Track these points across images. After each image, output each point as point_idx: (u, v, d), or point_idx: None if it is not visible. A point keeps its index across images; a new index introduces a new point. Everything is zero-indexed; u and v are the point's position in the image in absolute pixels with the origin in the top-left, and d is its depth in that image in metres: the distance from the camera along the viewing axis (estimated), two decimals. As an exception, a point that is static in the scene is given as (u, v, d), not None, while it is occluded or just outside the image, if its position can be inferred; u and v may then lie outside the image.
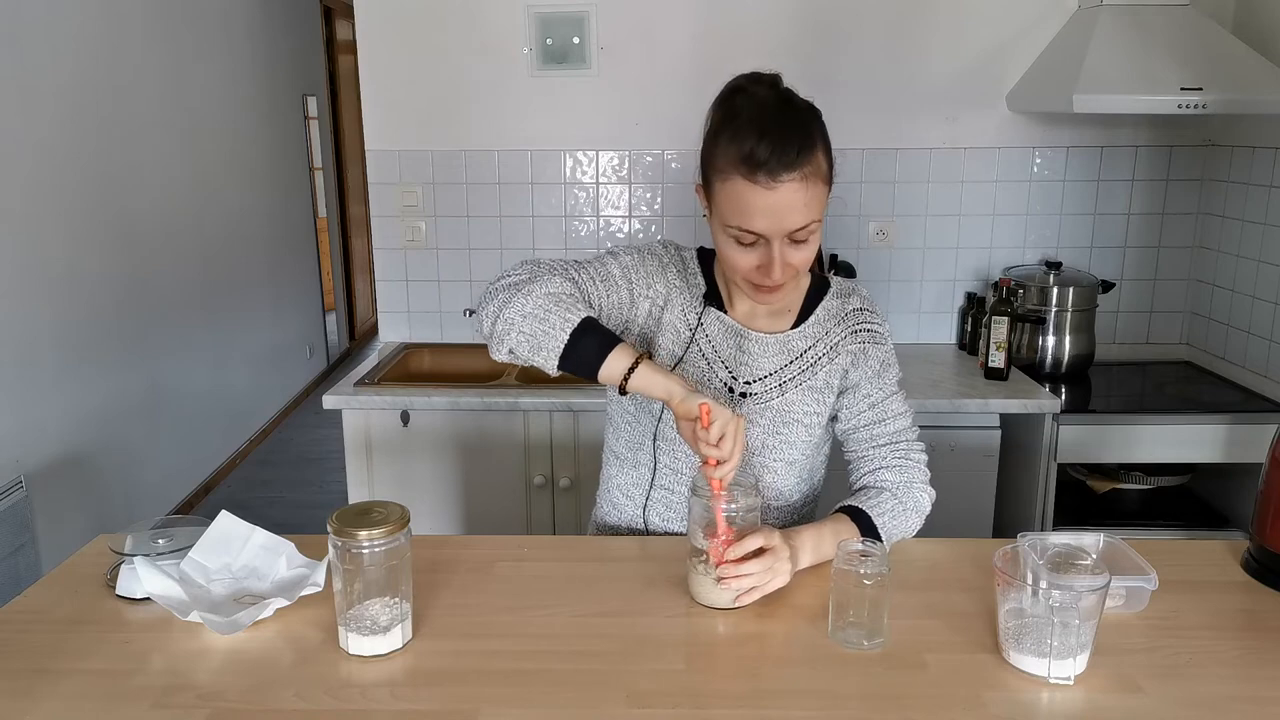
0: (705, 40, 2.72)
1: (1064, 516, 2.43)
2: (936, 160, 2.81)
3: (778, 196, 1.18)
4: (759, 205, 1.19)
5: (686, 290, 1.39)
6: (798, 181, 1.18)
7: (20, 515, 2.84)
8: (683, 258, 1.41)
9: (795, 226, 1.20)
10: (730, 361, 1.38)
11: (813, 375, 1.38)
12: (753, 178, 1.18)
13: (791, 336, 1.38)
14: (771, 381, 1.38)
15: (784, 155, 1.16)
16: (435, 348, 2.92)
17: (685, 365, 1.37)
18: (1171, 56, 2.37)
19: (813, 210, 1.21)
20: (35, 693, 1.05)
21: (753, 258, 1.24)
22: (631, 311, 1.37)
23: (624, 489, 1.48)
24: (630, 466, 1.46)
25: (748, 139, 1.18)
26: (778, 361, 1.38)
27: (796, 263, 1.24)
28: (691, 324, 1.37)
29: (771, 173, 1.17)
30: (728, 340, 1.38)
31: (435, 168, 2.85)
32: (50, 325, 3.08)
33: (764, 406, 1.38)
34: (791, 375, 1.38)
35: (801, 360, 1.38)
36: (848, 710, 1.03)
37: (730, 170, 1.20)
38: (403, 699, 1.05)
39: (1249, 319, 2.59)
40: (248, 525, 1.30)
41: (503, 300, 1.23)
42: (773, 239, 1.21)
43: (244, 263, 4.69)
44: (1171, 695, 1.05)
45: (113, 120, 3.47)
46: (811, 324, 1.39)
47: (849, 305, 1.41)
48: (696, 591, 1.23)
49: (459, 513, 2.49)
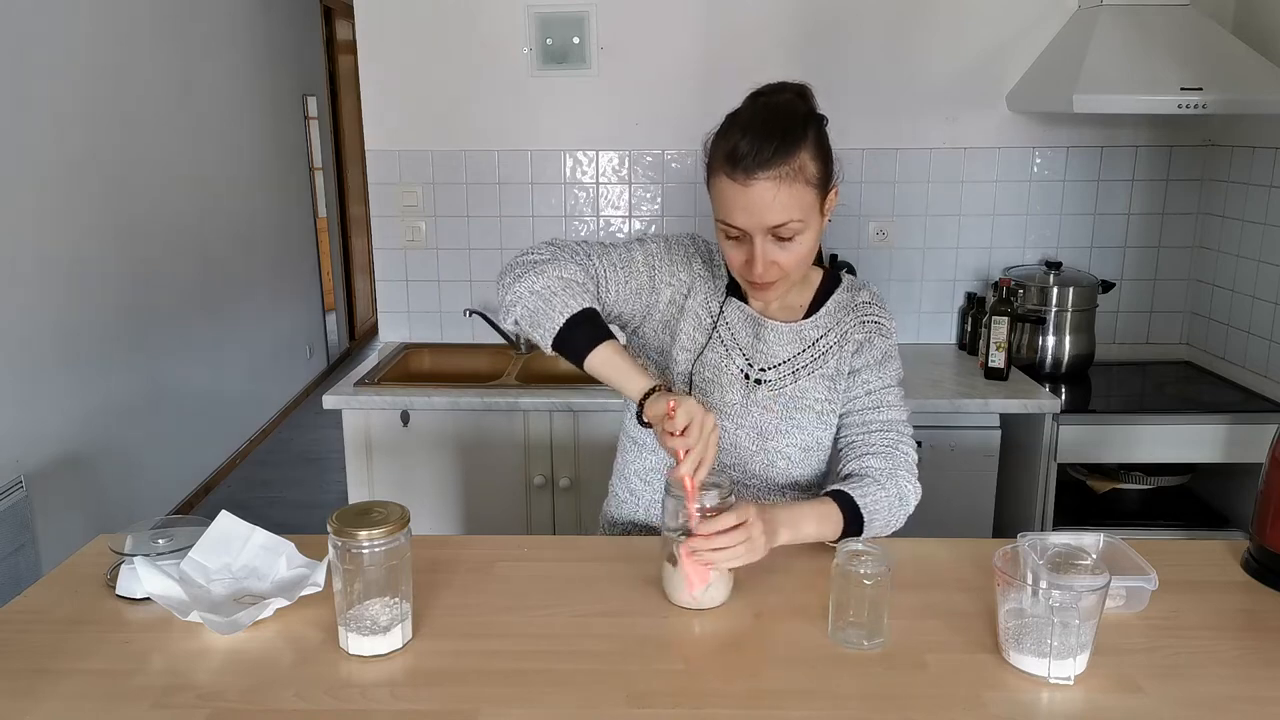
0: (705, 40, 2.72)
1: (1064, 516, 2.43)
2: (936, 160, 2.81)
3: (753, 193, 1.25)
4: (737, 201, 1.26)
5: (711, 280, 1.44)
6: (772, 180, 1.24)
7: (20, 515, 2.84)
8: (710, 249, 1.47)
9: (772, 224, 1.26)
10: (748, 349, 1.43)
11: (824, 363, 1.43)
12: (732, 174, 1.26)
13: (804, 326, 1.43)
14: (785, 369, 1.42)
15: (760, 154, 1.23)
16: (435, 348, 2.92)
17: (707, 351, 1.41)
18: (1171, 56, 2.37)
19: (791, 210, 1.26)
20: (35, 693, 1.05)
21: (741, 253, 1.31)
22: (653, 297, 1.42)
23: (642, 474, 1.50)
24: (649, 451, 1.48)
25: (733, 137, 1.26)
26: (791, 349, 1.43)
27: (783, 262, 1.30)
28: (714, 312, 1.43)
29: (747, 170, 1.24)
30: (746, 329, 1.43)
31: (435, 168, 2.85)
32: (51, 325, 3.08)
33: (778, 393, 1.42)
34: (804, 363, 1.43)
35: (814, 349, 1.43)
36: (848, 710, 1.03)
37: (717, 166, 1.29)
38: (403, 699, 1.05)
39: (1249, 319, 2.59)
40: (248, 525, 1.30)
41: (518, 274, 1.32)
42: (754, 234, 1.27)
43: (244, 263, 4.69)
44: (1171, 695, 1.05)
45: (113, 120, 3.47)
46: (823, 314, 1.45)
47: (859, 298, 1.47)
48: (668, 590, 1.23)
49: (459, 513, 2.49)
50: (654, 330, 1.45)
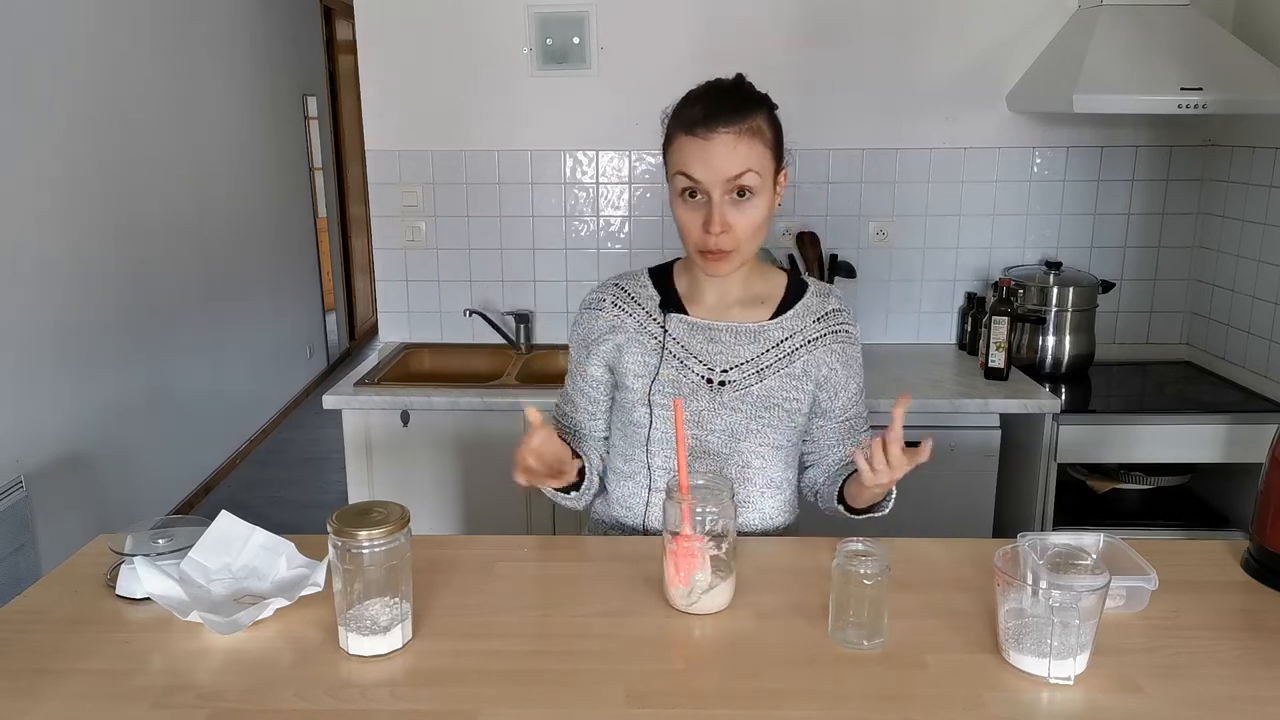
0: (705, 40, 2.72)
1: (1064, 516, 2.43)
2: (936, 160, 2.81)
3: (713, 146, 1.30)
4: (697, 154, 1.31)
5: (638, 308, 1.47)
6: (733, 134, 1.30)
7: (20, 515, 2.84)
8: (619, 286, 1.50)
9: (731, 173, 1.30)
10: (702, 354, 1.44)
11: (790, 363, 1.44)
12: (692, 131, 1.31)
13: (768, 326, 1.45)
14: (749, 369, 1.44)
15: (720, 112, 1.30)
16: (435, 348, 2.92)
17: (661, 369, 1.43)
18: (1171, 56, 2.37)
19: (751, 161, 1.31)
20: (35, 693, 1.05)
21: (698, 215, 1.34)
22: (612, 369, 1.50)
23: (623, 500, 1.52)
24: (626, 478, 1.50)
25: (693, 104, 1.34)
26: (753, 350, 1.44)
27: (737, 226, 1.33)
28: (656, 333, 1.45)
29: (709, 125, 1.30)
30: (695, 336, 1.45)
31: (435, 168, 2.85)
32: (51, 325, 3.08)
33: (744, 393, 1.43)
34: (769, 363, 1.44)
35: (779, 349, 1.45)
36: (848, 710, 1.03)
37: (676, 132, 1.34)
38: (403, 699, 1.05)
39: (1249, 319, 2.59)
40: (248, 525, 1.30)
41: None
42: (711, 190, 1.31)
43: (244, 263, 4.69)
44: (1171, 695, 1.05)
45: (114, 120, 3.47)
46: (790, 317, 1.46)
47: (827, 305, 1.49)
48: (669, 593, 1.23)
49: (459, 513, 2.49)
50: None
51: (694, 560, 1.19)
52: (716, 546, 1.20)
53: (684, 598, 1.21)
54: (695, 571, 1.19)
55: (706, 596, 1.20)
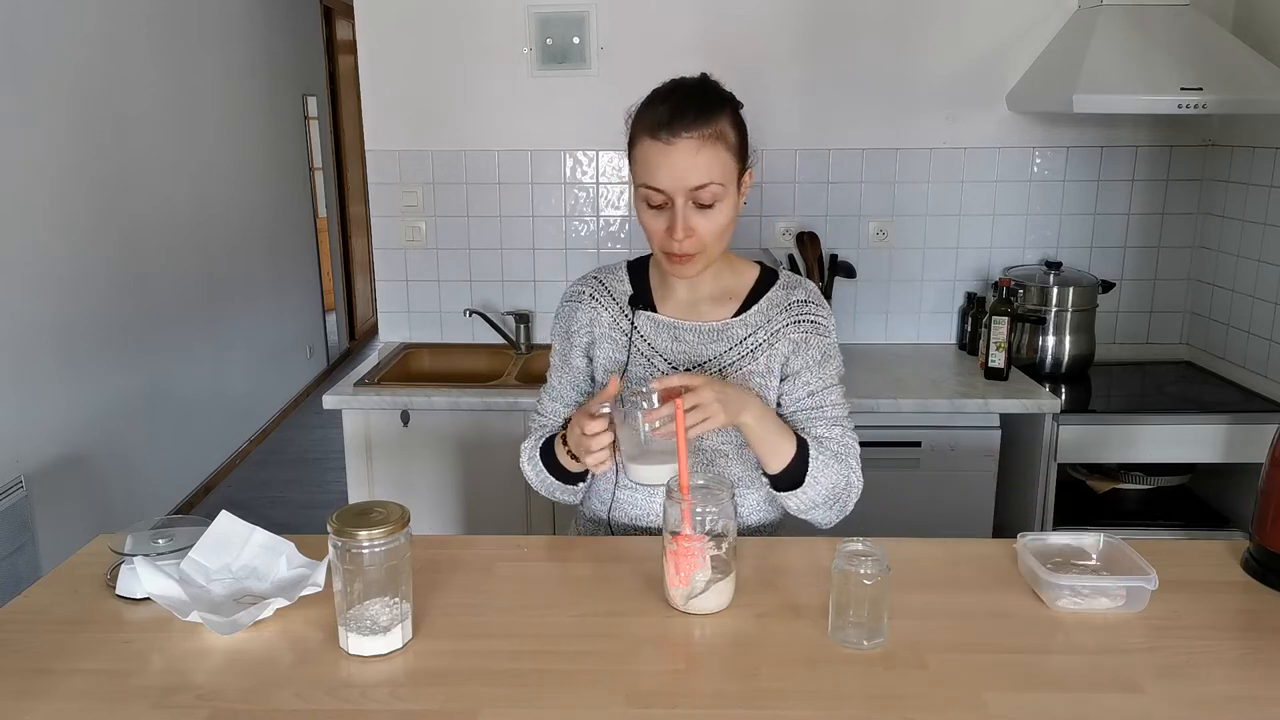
0: (705, 40, 2.72)
1: (1064, 516, 2.43)
2: (936, 160, 2.80)
3: (675, 153, 1.29)
4: (661, 162, 1.30)
5: (612, 304, 1.49)
6: (695, 140, 1.29)
7: (20, 515, 2.84)
8: (597, 279, 1.52)
9: (694, 184, 1.30)
10: (668, 353, 1.45)
11: (753, 360, 1.44)
12: (655, 135, 1.31)
13: (732, 324, 1.45)
14: (711, 367, 1.44)
15: (682, 117, 1.29)
16: (435, 348, 2.92)
17: (629, 366, 1.45)
18: (1171, 56, 2.37)
19: (713, 171, 1.30)
20: (35, 693, 1.05)
21: (662, 221, 1.34)
22: (590, 360, 1.52)
23: (598, 493, 1.54)
24: (600, 476, 1.51)
25: (656, 106, 1.33)
26: (716, 349, 1.44)
27: (702, 231, 1.33)
28: (626, 330, 1.47)
29: (671, 130, 1.29)
30: (661, 335, 1.46)
31: (435, 168, 2.85)
32: (51, 325, 3.08)
33: None
34: (731, 361, 1.44)
35: (741, 347, 1.44)
36: (848, 710, 1.03)
37: (640, 134, 1.34)
38: (403, 699, 1.05)
39: (1249, 319, 2.59)
40: (248, 525, 1.30)
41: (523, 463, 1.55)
42: (675, 197, 1.31)
43: (244, 263, 4.69)
44: (1171, 695, 1.05)
45: (113, 120, 3.47)
46: (754, 313, 1.45)
47: (793, 296, 1.46)
48: (669, 593, 1.23)
49: (459, 513, 2.49)
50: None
51: (694, 560, 1.19)
52: (716, 546, 1.20)
53: (684, 598, 1.21)
54: (695, 571, 1.19)
55: (706, 596, 1.20)
